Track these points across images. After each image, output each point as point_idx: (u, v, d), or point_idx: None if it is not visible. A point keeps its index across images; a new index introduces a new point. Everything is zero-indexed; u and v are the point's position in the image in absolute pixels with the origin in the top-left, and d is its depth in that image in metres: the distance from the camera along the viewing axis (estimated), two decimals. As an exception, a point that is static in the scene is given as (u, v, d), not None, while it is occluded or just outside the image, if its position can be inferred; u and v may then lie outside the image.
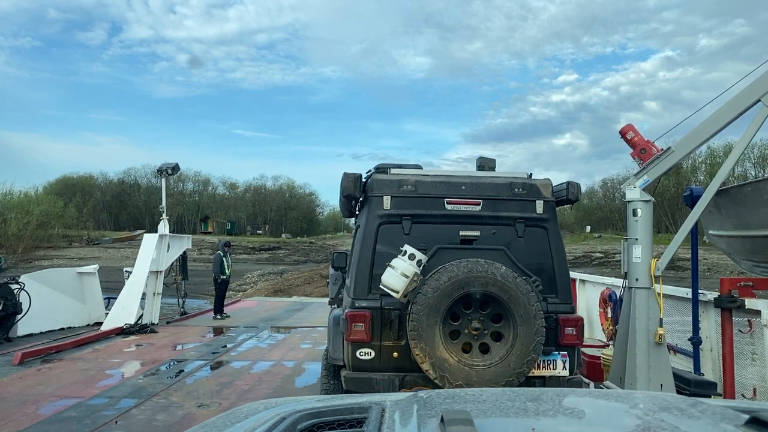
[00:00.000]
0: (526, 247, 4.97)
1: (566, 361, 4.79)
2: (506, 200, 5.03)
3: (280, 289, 22.56)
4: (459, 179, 5.14)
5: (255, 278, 35.74)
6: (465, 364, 4.39)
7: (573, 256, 55.08)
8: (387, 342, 4.67)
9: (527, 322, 4.39)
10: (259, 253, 56.46)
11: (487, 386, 4.20)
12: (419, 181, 5.03)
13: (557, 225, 5.33)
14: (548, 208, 5.11)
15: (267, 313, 15.49)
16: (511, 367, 4.40)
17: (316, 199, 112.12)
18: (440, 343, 4.38)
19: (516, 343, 4.40)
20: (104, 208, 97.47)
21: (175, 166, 14.06)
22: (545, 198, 5.10)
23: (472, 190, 5.04)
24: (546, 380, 4.75)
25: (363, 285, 4.81)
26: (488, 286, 4.38)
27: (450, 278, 4.39)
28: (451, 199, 4.96)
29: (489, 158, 14.02)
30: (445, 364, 4.35)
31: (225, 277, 14.65)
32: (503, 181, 5.16)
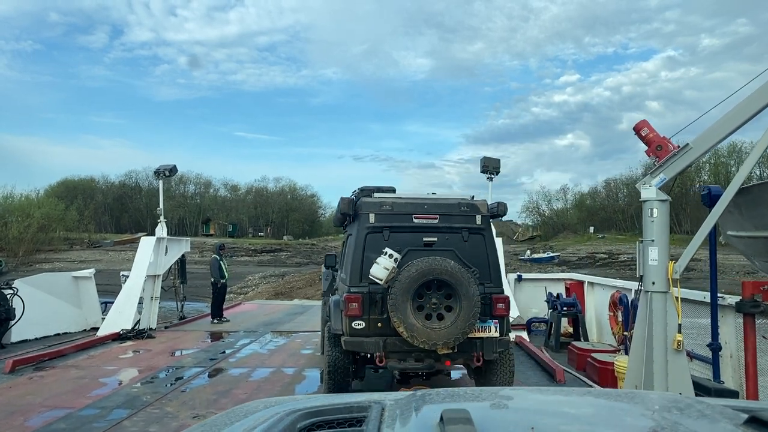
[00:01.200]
0: (469, 248, 6.73)
1: (498, 326, 6.54)
2: (455, 215, 6.81)
3: (281, 291, 22.28)
4: (422, 201, 6.93)
5: (256, 280, 35.49)
6: (427, 327, 6.14)
7: (576, 257, 54.80)
8: (373, 316, 6.40)
9: (468, 299, 6.12)
10: (260, 255, 56.19)
11: (441, 341, 6.08)
12: (394, 202, 6.82)
13: (492, 232, 7.04)
14: (484, 221, 6.89)
15: (267, 317, 15.20)
16: (458, 328, 6.13)
17: (317, 201, 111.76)
18: (410, 313, 6.14)
19: (461, 312, 6.15)
20: (105, 210, 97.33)
21: (172, 168, 13.78)
22: (482, 214, 6.90)
23: (432, 208, 6.81)
24: (484, 340, 6.46)
25: (356, 276, 6.52)
26: (442, 274, 6.16)
27: (417, 270, 6.16)
28: (417, 215, 6.74)
29: (493, 158, 13.75)
30: (414, 327, 6.11)
31: (224, 281, 14.35)
32: (453, 202, 6.97)
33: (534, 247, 64.86)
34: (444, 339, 6.13)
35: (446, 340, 6.14)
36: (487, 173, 13.16)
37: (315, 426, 1.54)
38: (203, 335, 12.10)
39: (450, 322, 6.19)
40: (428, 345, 6.12)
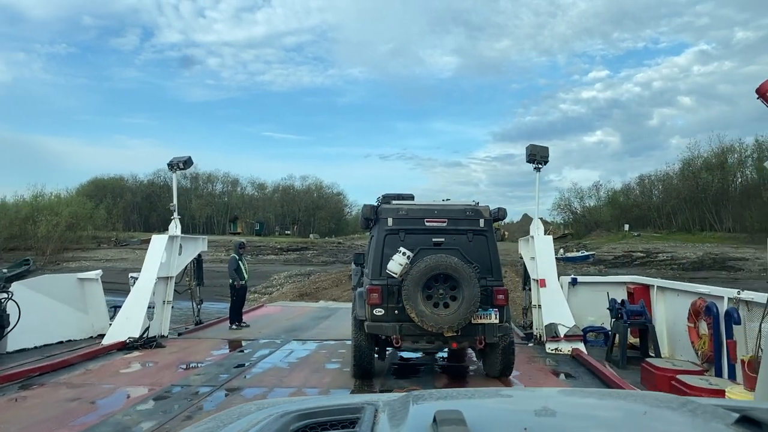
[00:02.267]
0: (473, 247, 7.73)
1: (498, 314, 7.54)
2: (461, 219, 7.86)
3: (306, 292, 21.11)
4: (433, 207, 8.04)
5: (282, 280, 34.49)
6: (435, 314, 7.23)
7: (612, 256, 52.60)
8: (391, 304, 7.45)
9: (470, 290, 7.17)
10: (286, 254, 55.35)
11: (447, 326, 7.19)
12: (409, 208, 7.95)
13: (493, 234, 8.06)
14: (487, 224, 7.92)
15: (290, 322, 13.99)
16: (461, 315, 7.19)
17: (344, 199, 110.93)
18: (421, 302, 7.21)
19: (464, 301, 7.19)
20: (134, 209, 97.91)
21: (187, 160, 12.65)
22: (485, 218, 7.93)
23: (441, 213, 7.87)
24: (486, 326, 7.47)
25: (376, 271, 7.60)
26: (447, 269, 7.23)
27: (426, 265, 7.22)
28: (428, 219, 7.81)
29: (541, 146, 12.26)
30: (424, 314, 7.19)
31: (243, 283, 13.18)
32: (460, 207, 8.05)
33: (567, 245, 62.73)
34: (449, 323, 7.26)
35: (451, 325, 7.27)
36: (534, 162, 11.72)
37: (308, 428, 1.53)
38: (218, 344, 10.92)
39: (454, 309, 7.28)
40: (436, 329, 7.28)
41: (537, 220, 12.10)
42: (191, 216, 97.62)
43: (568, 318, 10.17)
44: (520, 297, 19.10)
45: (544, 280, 10.71)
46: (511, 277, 28.67)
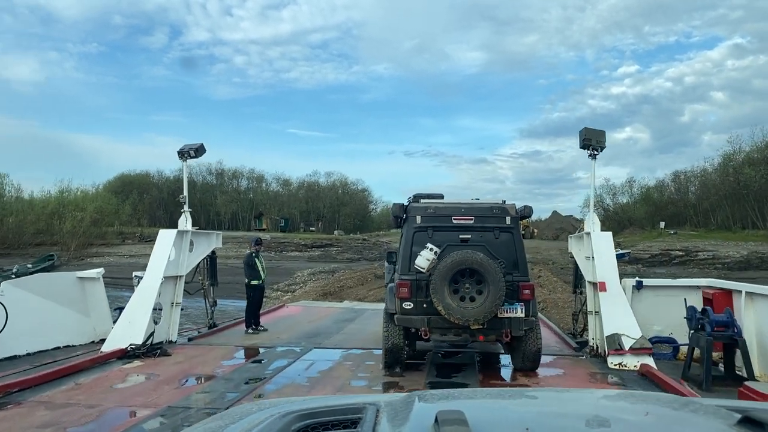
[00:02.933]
0: (500, 244, 8.08)
1: (523, 308, 7.84)
2: (488, 217, 8.20)
3: (330, 291, 19.92)
4: (460, 205, 8.44)
5: (305, 277, 33.38)
6: (461, 307, 7.56)
7: (649, 254, 50.36)
8: (419, 298, 7.85)
9: (495, 284, 7.49)
10: (311, 251, 54.39)
11: (473, 319, 7.48)
12: (437, 207, 8.36)
13: (519, 231, 8.38)
14: (513, 222, 8.27)
15: (312, 325, 12.78)
16: (486, 308, 7.51)
17: (369, 196, 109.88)
18: (448, 296, 7.58)
19: (489, 295, 7.53)
20: (160, 205, 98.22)
21: (198, 148, 11.49)
22: (511, 215, 8.27)
23: (468, 211, 8.25)
24: (512, 319, 7.77)
25: (405, 266, 8.02)
26: (473, 264, 7.58)
27: (452, 261, 7.59)
28: (455, 216, 8.18)
29: (596, 129, 10.76)
30: (450, 307, 7.53)
31: (259, 282, 11.97)
32: (487, 206, 8.42)
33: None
34: (475, 317, 7.44)
35: (477, 318, 7.45)
36: (589, 148, 10.27)
37: (310, 428, 1.53)
38: (231, 352, 9.74)
39: (480, 303, 7.48)
40: (462, 322, 7.45)
41: (593, 213, 10.69)
42: (216, 212, 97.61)
43: (633, 328, 8.71)
44: (563, 299, 17.60)
45: (604, 284, 9.24)
46: (546, 276, 27.15)
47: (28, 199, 64.02)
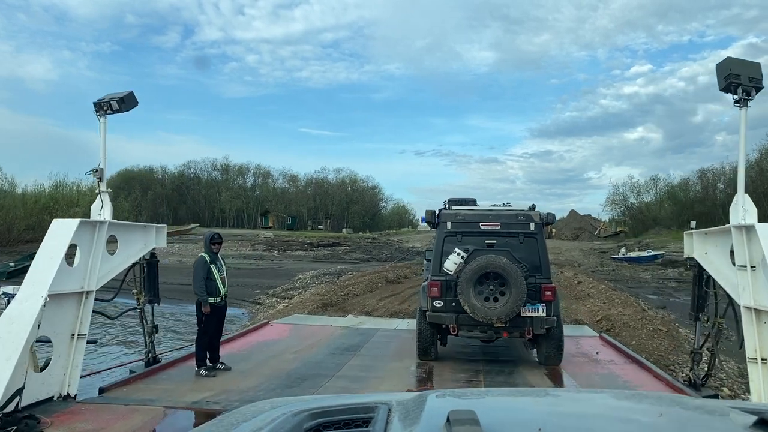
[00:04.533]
0: (524, 249, 8.56)
1: (545, 308, 8.28)
2: (513, 223, 8.68)
3: (331, 301, 16.08)
4: (488, 212, 9.01)
5: (307, 280, 29.55)
6: (486, 307, 8.07)
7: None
8: (449, 297, 8.38)
9: (517, 287, 7.97)
10: (316, 250, 50.60)
11: (496, 317, 8.00)
12: (466, 213, 8.93)
13: (543, 236, 8.80)
14: (537, 228, 8.65)
15: (297, 357, 8.99)
16: (509, 308, 8.00)
17: (379, 193, 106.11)
18: (473, 296, 8.10)
19: (511, 297, 8.01)
20: (163, 201, 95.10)
21: (125, 97, 7.65)
22: (535, 222, 8.67)
23: (495, 218, 8.75)
24: (534, 318, 8.24)
25: (436, 268, 8.57)
26: (496, 268, 8.08)
27: (477, 264, 8.12)
28: (483, 223, 8.69)
29: (745, 61, 6.85)
30: (476, 307, 8.06)
31: (217, 301, 8.08)
32: (512, 212, 8.88)
33: (628, 243, 56.32)
34: (498, 316, 8.03)
35: (500, 317, 8.04)
36: (737, 90, 6.34)
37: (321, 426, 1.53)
38: (153, 420, 5.90)
39: (503, 303, 8.07)
40: (486, 320, 8.08)
41: (742, 195, 6.76)
42: (221, 209, 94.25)
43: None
44: (630, 316, 13.69)
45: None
46: (589, 282, 23.17)
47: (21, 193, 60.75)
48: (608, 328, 12.62)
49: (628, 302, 15.86)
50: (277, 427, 1.48)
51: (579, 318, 13.44)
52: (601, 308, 14.90)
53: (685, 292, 28.68)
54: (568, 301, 16.67)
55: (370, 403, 1.65)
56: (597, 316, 13.91)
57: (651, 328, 12.44)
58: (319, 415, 1.57)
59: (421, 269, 14.52)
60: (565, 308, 14.92)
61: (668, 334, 12.15)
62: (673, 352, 10.73)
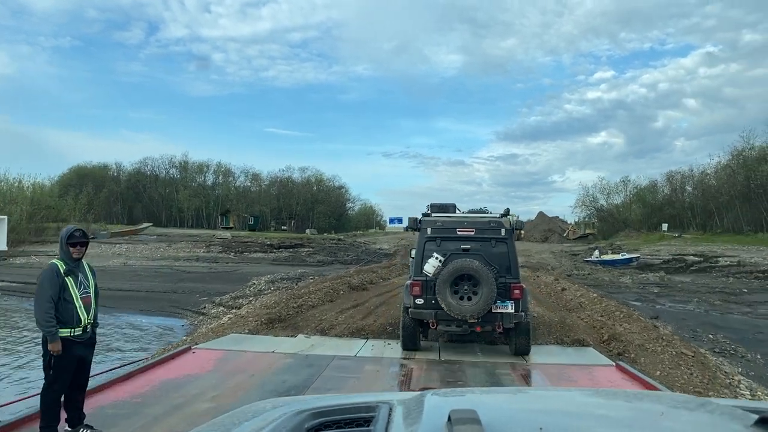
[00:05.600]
0: (495, 252, 9.49)
1: (513, 305, 9.21)
2: (486, 229, 9.59)
3: (280, 315, 13.26)
4: (464, 219, 9.92)
5: (262, 286, 26.59)
6: (460, 305, 9.00)
7: (660, 260, 44.60)
8: (428, 296, 9.29)
9: (488, 287, 8.89)
10: (277, 252, 47.48)
11: (469, 314, 8.94)
12: (445, 221, 9.81)
13: (513, 241, 9.72)
14: (507, 233, 9.60)
15: (215, 407, 6.16)
16: (480, 306, 8.92)
17: (346, 193, 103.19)
18: (449, 295, 9.02)
19: (483, 296, 8.92)
20: (118, 200, 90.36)
21: None
22: (506, 228, 9.61)
23: (470, 224, 9.66)
24: (503, 314, 9.17)
25: (418, 269, 9.47)
26: (470, 270, 8.98)
27: (453, 267, 9.04)
28: (459, 229, 9.63)
29: None
30: (451, 305, 8.99)
31: (72, 333, 5.21)
32: (485, 219, 9.86)
33: (600, 246, 54.79)
34: (471, 312, 8.93)
35: (472, 314, 8.94)
36: None
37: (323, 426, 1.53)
38: None
39: (475, 301, 8.95)
40: (460, 316, 8.99)
41: None
42: (179, 208, 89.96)
43: None
44: (644, 335, 11.25)
45: None
46: (578, 290, 20.83)
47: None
48: (620, 351, 10.16)
49: (631, 316, 13.48)
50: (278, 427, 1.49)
51: (580, 337, 10.94)
52: (603, 323, 12.46)
53: (668, 298, 26.80)
54: (559, 314, 14.23)
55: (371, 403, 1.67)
56: (601, 334, 11.45)
57: (673, 351, 10.04)
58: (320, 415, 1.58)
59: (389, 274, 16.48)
60: (559, 323, 12.45)
61: (696, 361, 9.75)
62: (714, 389, 8.28)
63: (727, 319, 21.45)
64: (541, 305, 16.51)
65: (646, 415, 1.58)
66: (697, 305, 24.99)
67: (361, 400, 1.73)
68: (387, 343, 10.79)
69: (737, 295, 27.86)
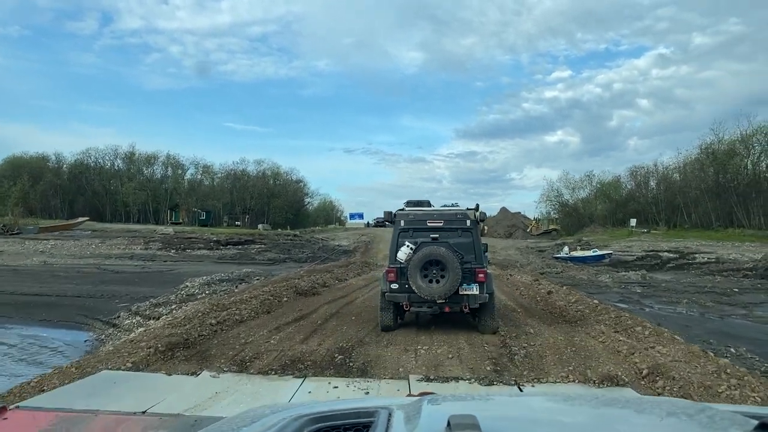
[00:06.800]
0: (462, 241, 10.56)
1: (479, 287, 10.27)
2: (453, 221, 10.73)
3: (189, 338, 9.53)
4: (434, 212, 11.14)
5: (195, 289, 22.51)
6: (429, 288, 10.03)
7: (634, 257, 42.31)
8: (402, 281, 10.33)
9: (453, 271, 9.94)
10: (224, 249, 43.21)
11: (437, 295, 9.98)
12: (417, 214, 10.96)
13: (477, 231, 10.80)
14: (472, 224, 10.69)
15: None
16: (447, 288, 9.94)
17: (304, 187, 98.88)
18: (420, 279, 10.05)
19: (449, 279, 9.95)
20: (57, 192, 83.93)
21: None
22: (471, 219, 10.71)
23: (439, 217, 10.82)
24: (469, 296, 10.25)
25: (393, 257, 10.60)
26: (437, 256, 10.03)
27: (423, 254, 10.09)
28: (429, 220, 10.75)
29: None
30: (421, 287, 10.02)
31: None
32: (452, 212, 10.94)
33: (567, 242, 52.41)
34: (439, 294, 9.97)
35: (440, 295, 9.98)
36: None
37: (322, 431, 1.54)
38: None
39: (443, 284, 9.97)
40: (430, 297, 10.01)
41: None
42: (124, 202, 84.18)
43: None
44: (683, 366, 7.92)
45: None
46: (523, 286, 17.64)
47: None
48: (675, 395, 6.84)
49: (662, 334, 10.27)
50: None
51: (610, 371, 7.61)
52: (629, 346, 9.19)
53: (654, 299, 24.04)
54: (562, 330, 10.98)
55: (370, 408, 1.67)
56: (635, 364, 8.16)
57: (738, 393, 6.80)
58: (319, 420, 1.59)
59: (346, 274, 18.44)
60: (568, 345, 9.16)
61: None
62: None
63: (732, 325, 18.51)
64: (531, 316, 13.19)
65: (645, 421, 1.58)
66: (688, 307, 22.12)
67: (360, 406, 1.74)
68: (332, 384, 7.24)
69: (728, 295, 25.26)
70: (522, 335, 10.56)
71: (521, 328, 11.40)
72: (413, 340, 10.19)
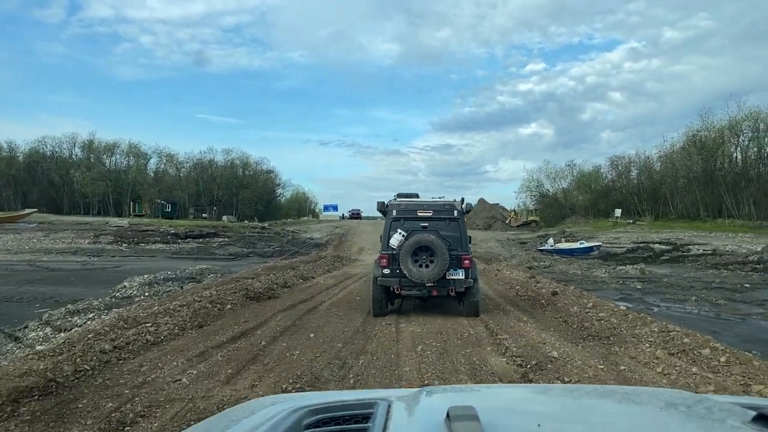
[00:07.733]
0: (449, 229, 11.37)
1: (465, 273, 11.03)
2: (441, 211, 11.52)
3: (54, 378, 6.32)
4: (423, 203, 11.88)
5: (133, 290, 18.97)
6: (419, 272, 10.75)
7: (624, 249, 39.82)
8: (394, 266, 11.09)
9: (442, 257, 10.69)
10: (183, 243, 39.52)
11: (426, 279, 10.76)
12: (408, 204, 11.72)
13: (463, 220, 11.63)
14: (459, 214, 11.56)
15: None
16: (436, 272, 10.71)
17: (275, 178, 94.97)
18: (410, 264, 10.79)
19: (438, 264, 10.72)
20: (9, 183, 78.73)
21: None
22: (458, 209, 11.57)
23: (428, 207, 11.60)
24: (455, 280, 10.99)
25: (385, 245, 11.35)
26: (427, 243, 10.74)
27: (413, 241, 10.81)
28: (419, 210, 11.53)
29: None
30: (412, 272, 10.77)
31: None
32: (441, 203, 11.74)
33: (551, 233, 49.91)
34: (428, 278, 10.73)
35: (430, 279, 10.74)
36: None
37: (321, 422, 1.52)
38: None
39: (432, 269, 10.72)
40: (420, 281, 10.78)
41: None
42: (82, 193, 79.35)
43: None
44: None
45: None
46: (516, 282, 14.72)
47: None
48: None
49: (738, 357, 7.28)
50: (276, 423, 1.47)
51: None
52: (702, 377, 6.22)
53: (658, 296, 21.38)
54: (598, 355, 8.01)
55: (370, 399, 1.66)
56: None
57: None
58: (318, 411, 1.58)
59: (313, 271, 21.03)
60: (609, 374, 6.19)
61: None
62: None
63: (763, 329, 15.83)
64: (544, 329, 10.18)
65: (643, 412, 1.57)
66: (698, 306, 19.38)
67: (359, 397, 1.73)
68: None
69: (740, 291, 22.68)
70: (546, 363, 7.51)
71: (538, 349, 8.36)
72: (392, 374, 7.07)
